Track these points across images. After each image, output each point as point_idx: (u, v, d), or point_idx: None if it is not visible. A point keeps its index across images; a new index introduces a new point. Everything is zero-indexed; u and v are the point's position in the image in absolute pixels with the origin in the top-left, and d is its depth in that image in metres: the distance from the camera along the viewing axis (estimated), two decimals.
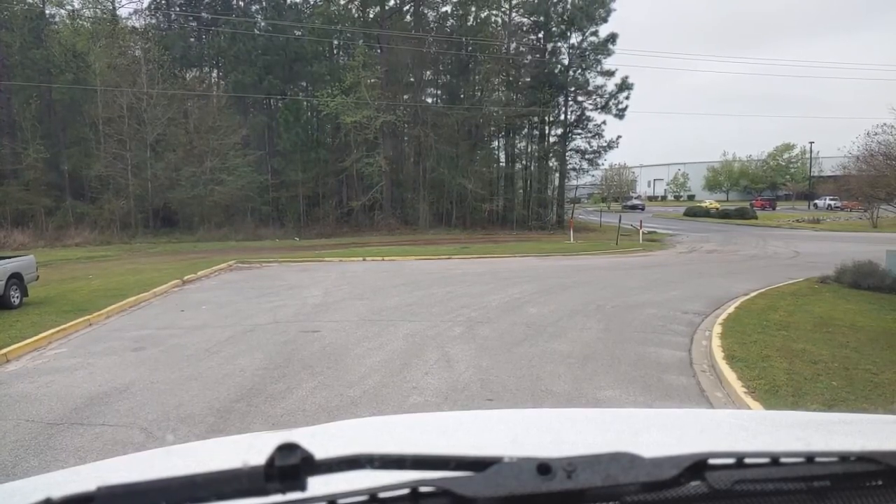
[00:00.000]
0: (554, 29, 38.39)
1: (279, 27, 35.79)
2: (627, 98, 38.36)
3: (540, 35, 39.14)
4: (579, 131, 39.97)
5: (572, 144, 40.25)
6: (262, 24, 37.56)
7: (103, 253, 23.73)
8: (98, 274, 16.28)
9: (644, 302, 11.16)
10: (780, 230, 38.14)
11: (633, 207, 60.53)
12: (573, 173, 41.94)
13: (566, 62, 39.08)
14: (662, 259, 21.52)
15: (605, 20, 37.44)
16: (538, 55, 38.90)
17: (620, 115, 38.69)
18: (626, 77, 38.69)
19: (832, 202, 53.81)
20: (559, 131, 40.33)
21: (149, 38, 33.74)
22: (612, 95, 38.50)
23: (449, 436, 1.30)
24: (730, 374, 6.26)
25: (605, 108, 38.88)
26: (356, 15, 38.30)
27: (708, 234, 34.63)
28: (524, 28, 39.56)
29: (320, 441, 1.20)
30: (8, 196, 28.47)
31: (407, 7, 38.86)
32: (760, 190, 73.19)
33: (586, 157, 40.50)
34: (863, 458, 0.77)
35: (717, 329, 8.38)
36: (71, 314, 10.17)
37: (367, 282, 14.60)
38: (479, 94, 38.72)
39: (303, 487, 0.66)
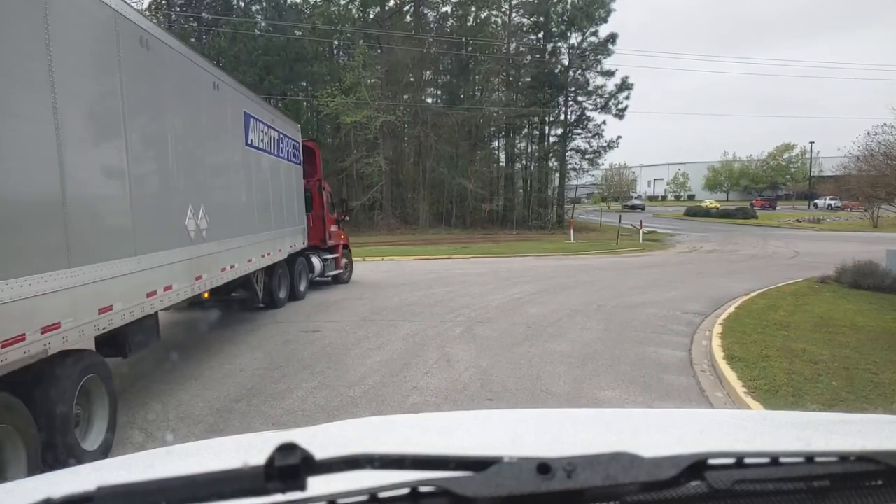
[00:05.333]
0: (554, 29, 38.43)
1: (280, 27, 35.80)
2: (627, 98, 38.49)
3: (540, 35, 39.17)
4: (579, 131, 40.03)
5: (572, 144, 40.31)
6: (263, 24, 37.56)
7: None
8: None
9: (644, 302, 11.16)
10: (780, 230, 38.13)
11: (634, 207, 60.58)
12: (573, 173, 42.04)
13: (566, 62, 39.13)
14: (662, 259, 21.52)
15: (604, 20, 37.55)
16: (538, 55, 38.93)
17: (620, 115, 38.78)
18: (626, 77, 38.81)
19: (832, 202, 53.82)
20: (559, 131, 40.41)
21: None
22: (612, 95, 38.58)
23: (449, 436, 1.30)
24: (730, 374, 6.25)
25: (605, 108, 38.95)
26: (356, 15, 38.30)
27: (708, 233, 34.63)
28: (524, 28, 39.60)
29: (320, 441, 1.20)
30: None
31: (407, 7, 38.87)
32: (761, 190, 73.17)
33: (586, 157, 40.57)
34: (863, 458, 0.77)
35: (718, 329, 8.37)
36: None
37: (367, 282, 14.60)
38: (479, 94, 38.75)
39: (303, 487, 0.66)
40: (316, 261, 12.58)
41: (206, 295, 7.26)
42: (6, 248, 3.51)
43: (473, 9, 38.27)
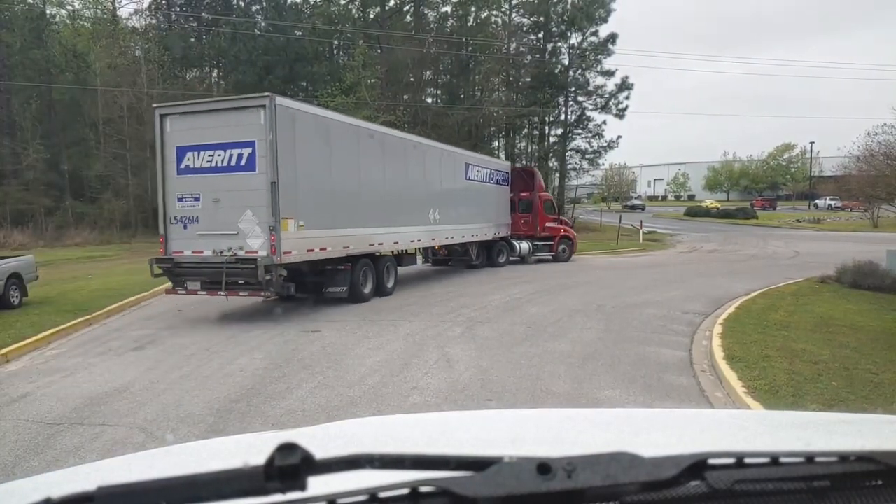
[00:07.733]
0: (554, 29, 38.37)
1: (280, 27, 35.78)
2: (627, 98, 38.35)
3: (540, 35, 39.11)
4: (579, 131, 39.93)
5: (572, 144, 40.21)
6: (263, 24, 37.55)
7: (103, 253, 23.71)
8: (98, 274, 16.29)
9: (644, 302, 11.16)
10: (780, 230, 38.14)
11: (634, 207, 60.48)
12: (573, 173, 41.90)
13: (566, 62, 39.06)
14: (663, 259, 21.52)
15: (604, 20, 37.44)
16: (538, 55, 38.88)
17: (620, 114, 38.68)
18: (626, 77, 38.69)
19: (832, 202, 53.77)
20: (559, 131, 40.31)
21: (149, 39, 33.74)
22: (612, 95, 38.48)
23: (449, 436, 1.30)
24: (730, 375, 6.25)
25: (605, 108, 38.85)
26: (356, 15, 38.27)
27: (708, 233, 34.64)
28: (524, 28, 39.54)
29: (320, 441, 1.20)
30: (8, 196, 28.37)
31: (407, 7, 38.85)
32: (761, 190, 73.09)
33: (586, 157, 40.46)
34: (863, 458, 0.77)
35: (718, 329, 8.36)
36: (71, 314, 10.18)
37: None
38: (479, 94, 38.69)
39: (303, 487, 0.66)
40: (525, 245, 19.62)
41: (437, 247, 16.17)
42: (388, 218, 12.63)
43: (473, 9, 38.21)
